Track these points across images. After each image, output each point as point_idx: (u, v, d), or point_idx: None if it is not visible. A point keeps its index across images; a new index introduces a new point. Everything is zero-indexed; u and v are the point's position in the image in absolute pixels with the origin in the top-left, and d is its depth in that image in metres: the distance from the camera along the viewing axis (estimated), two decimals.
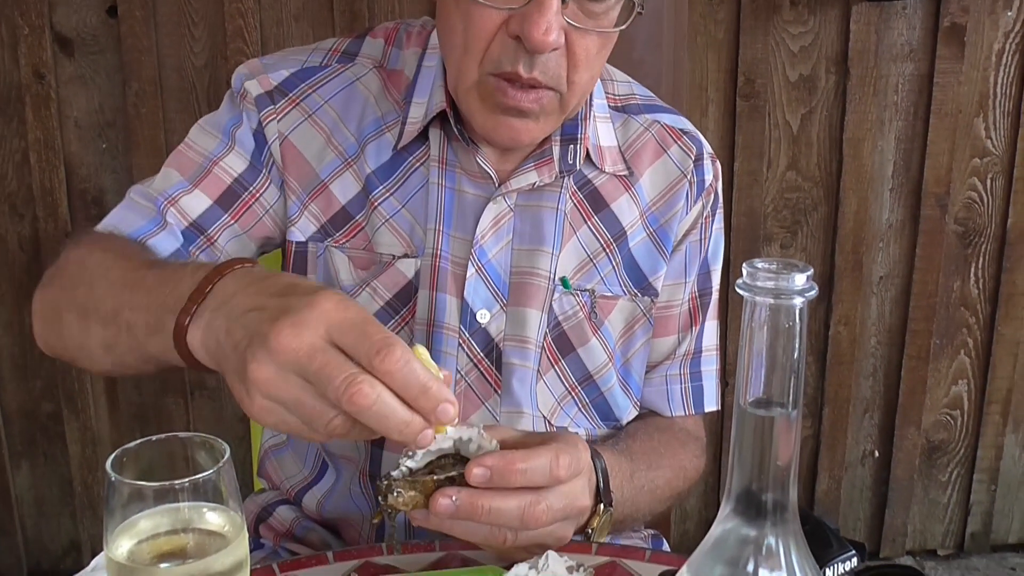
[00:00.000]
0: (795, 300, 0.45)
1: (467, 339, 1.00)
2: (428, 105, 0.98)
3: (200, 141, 1.01)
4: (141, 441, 0.62)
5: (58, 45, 1.92)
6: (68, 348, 0.89)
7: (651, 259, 1.05)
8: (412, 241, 1.00)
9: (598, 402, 1.06)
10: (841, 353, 2.15)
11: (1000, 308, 2.16)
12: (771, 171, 2.05)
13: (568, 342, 1.03)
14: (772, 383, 0.48)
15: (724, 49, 1.99)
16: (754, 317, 0.46)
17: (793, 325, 0.46)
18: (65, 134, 1.97)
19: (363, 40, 1.04)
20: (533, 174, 0.99)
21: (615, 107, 1.06)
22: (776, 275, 0.45)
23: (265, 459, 1.18)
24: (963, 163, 2.07)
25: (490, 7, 0.85)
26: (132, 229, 0.95)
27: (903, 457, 2.23)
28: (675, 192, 1.05)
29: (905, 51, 2.00)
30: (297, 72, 1.01)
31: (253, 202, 1.00)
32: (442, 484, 0.76)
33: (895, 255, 2.12)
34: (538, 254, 1.01)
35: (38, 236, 2.00)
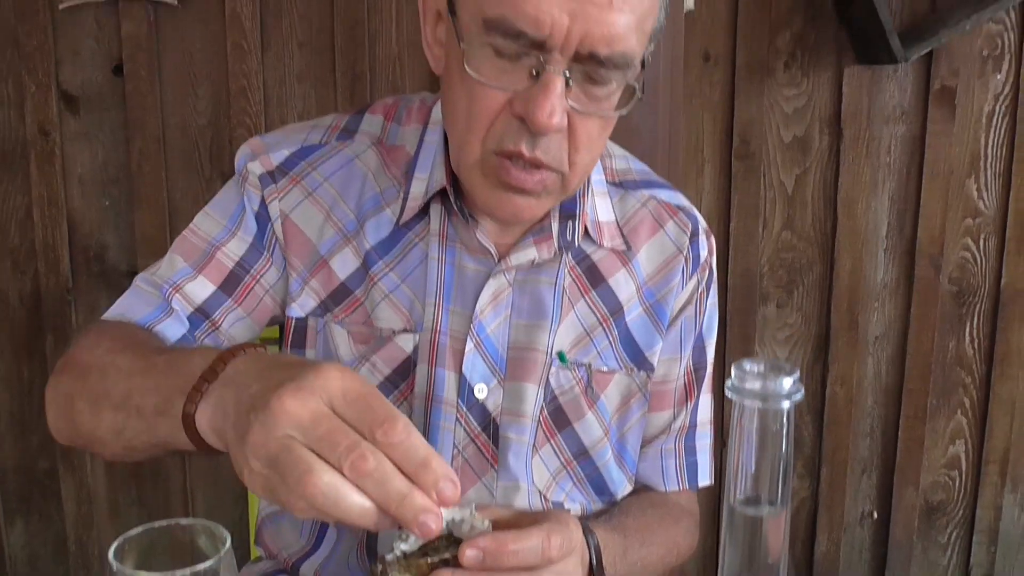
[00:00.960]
0: (782, 403, 0.46)
1: (464, 414, 1.01)
2: (429, 182, 0.99)
3: (204, 227, 1.02)
4: (143, 528, 0.63)
5: (64, 102, 1.95)
6: (81, 435, 0.89)
7: (647, 334, 1.06)
8: (411, 316, 1.00)
9: (594, 477, 1.06)
10: (838, 412, 2.15)
11: (995, 367, 2.16)
12: (766, 231, 2.07)
13: (564, 416, 1.04)
14: (761, 483, 0.49)
15: (719, 111, 2.02)
16: (743, 419, 0.47)
17: (781, 427, 0.47)
18: (68, 190, 1.99)
19: (362, 116, 1.06)
20: (532, 250, 1.00)
21: (613, 182, 1.08)
22: (763, 378, 0.46)
23: (262, 527, 1.17)
24: (956, 223, 2.09)
25: (494, 88, 0.87)
26: (139, 316, 0.97)
27: (902, 518, 2.23)
28: (671, 268, 1.07)
29: (897, 113, 2.03)
30: (297, 151, 1.02)
31: (254, 284, 1.02)
32: (436, 566, 0.76)
33: (890, 314, 2.13)
34: (536, 329, 1.02)
35: (39, 292, 2.01)
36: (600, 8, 0.82)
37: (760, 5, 1.97)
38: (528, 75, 0.85)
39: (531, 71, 0.85)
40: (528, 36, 0.83)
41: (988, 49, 2.02)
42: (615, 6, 0.83)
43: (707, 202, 2.05)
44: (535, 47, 0.83)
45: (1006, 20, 2.00)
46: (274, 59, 1.94)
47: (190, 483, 2.09)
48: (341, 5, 1.91)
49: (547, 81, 0.84)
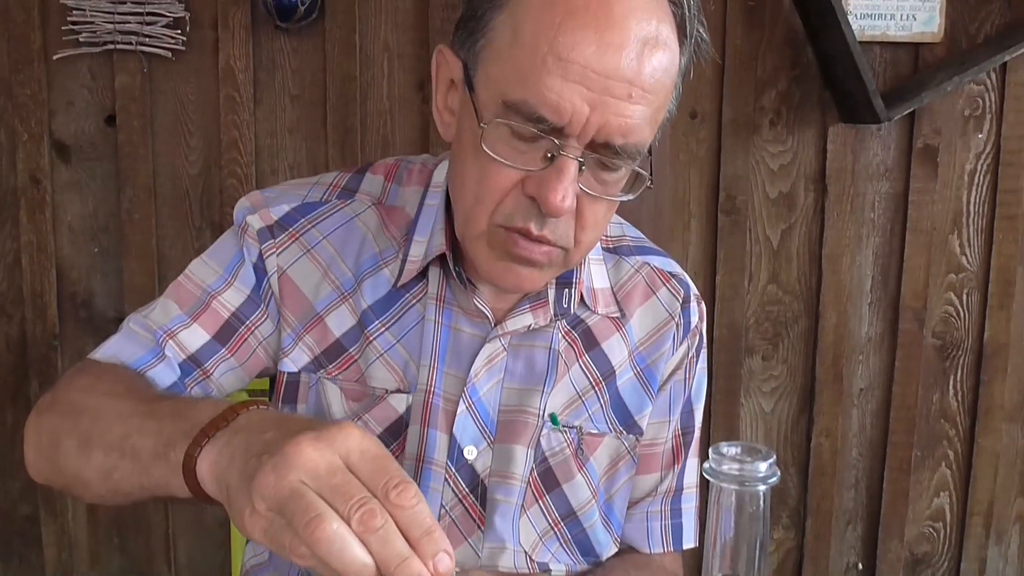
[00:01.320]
0: (759, 487, 0.47)
1: (453, 474, 1.01)
2: (429, 245, 1.00)
3: (199, 274, 1.03)
4: None
5: (55, 151, 1.97)
6: (62, 475, 0.88)
7: (637, 398, 1.07)
8: (405, 376, 1.01)
9: (580, 538, 1.06)
10: (823, 465, 2.16)
11: (979, 420, 2.18)
12: (752, 284, 2.09)
13: (554, 478, 1.04)
14: (738, 561, 0.50)
15: (706, 166, 2.05)
16: (720, 500, 0.48)
17: (757, 508, 0.48)
18: (58, 238, 1.99)
19: (363, 176, 1.07)
20: (528, 316, 1.01)
21: (607, 248, 1.10)
22: (740, 462, 0.47)
23: None
24: (939, 278, 2.12)
25: (509, 167, 0.88)
26: (132, 359, 0.96)
27: (887, 570, 2.22)
28: (663, 334, 1.08)
29: (881, 170, 2.07)
30: (298, 207, 1.03)
31: (249, 335, 1.02)
32: None
33: (875, 367, 2.14)
34: (529, 392, 1.03)
35: (25, 338, 2.01)
36: (620, 100, 0.84)
37: (746, 64, 2.01)
38: (543, 157, 0.86)
39: (546, 154, 0.86)
40: (548, 122, 0.84)
41: (969, 109, 2.06)
42: (634, 99, 0.84)
43: (693, 256, 2.07)
44: (553, 132, 0.85)
45: (987, 81, 2.04)
46: (266, 112, 1.96)
47: (172, 531, 2.08)
48: (333, 60, 1.94)
49: (562, 166, 0.85)
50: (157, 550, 2.08)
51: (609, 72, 0.83)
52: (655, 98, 0.86)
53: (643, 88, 0.85)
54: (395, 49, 1.96)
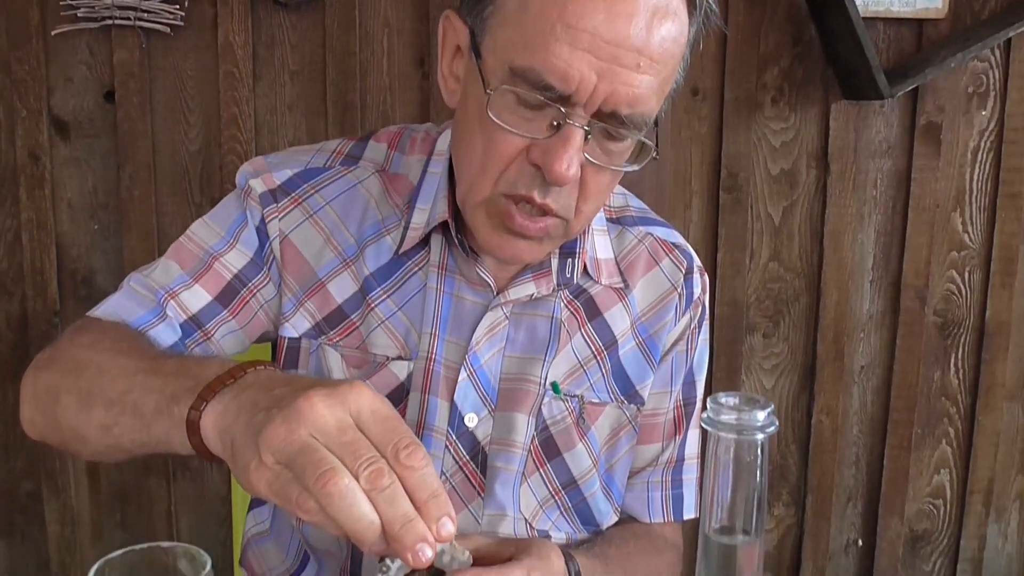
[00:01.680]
0: (757, 436, 0.47)
1: (454, 441, 1.01)
2: (431, 213, 1.00)
3: (201, 235, 1.02)
4: (124, 551, 0.63)
5: (54, 128, 1.96)
6: (60, 431, 0.88)
7: (639, 368, 1.07)
8: (407, 344, 1.01)
9: (580, 507, 1.07)
10: (824, 442, 2.16)
11: (980, 399, 2.18)
12: (753, 262, 2.08)
13: (555, 446, 1.04)
14: (736, 512, 0.50)
15: (707, 144, 2.04)
16: (718, 450, 0.48)
17: (755, 458, 0.48)
18: (58, 215, 1.99)
19: (366, 144, 1.07)
20: (531, 285, 1.01)
21: (611, 219, 1.10)
22: (738, 411, 0.47)
23: (248, 548, 1.18)
24: (941, 256, 2.11)
25: (514, 133, 0.87)
26: (133, 318, 0.96)
27: (887, 547, 2.23)
28: (665, 304, 1.08)
29: (883, 148, 2.06)
30: (300, 172, 1.03)
31: (251, 298, 1.02)
32: None
33: (876, 346, 2.14)
34: (531, 361, 1.03)
35: (26, 315, 2.01)
36: (628, 69, 0.83)
37: (749, 41, 2.00)
38: (549, 125, 0.86)
39: (552, 122, 0.86)
40: (555, 90, 0.84)
41: (973, 86, 2.05)
42: (642, 68, 0.84)
43: (695, 233, 2.07)
44: (560, 100, 0.84)
45: (991, 58, 2.03)
46: (266, 88, 1.95)
47: (175, 507, 2.09)
48: (333, 36, 1.93)
49: (568, 134, 0.85)
50: (159, 526, 2.09)
51: (618, 41, 0.82)
52: (663, 68, 0.86)
53: (651, 58, 0.84)
54: (395, 25, 1.95)
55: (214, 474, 2.06)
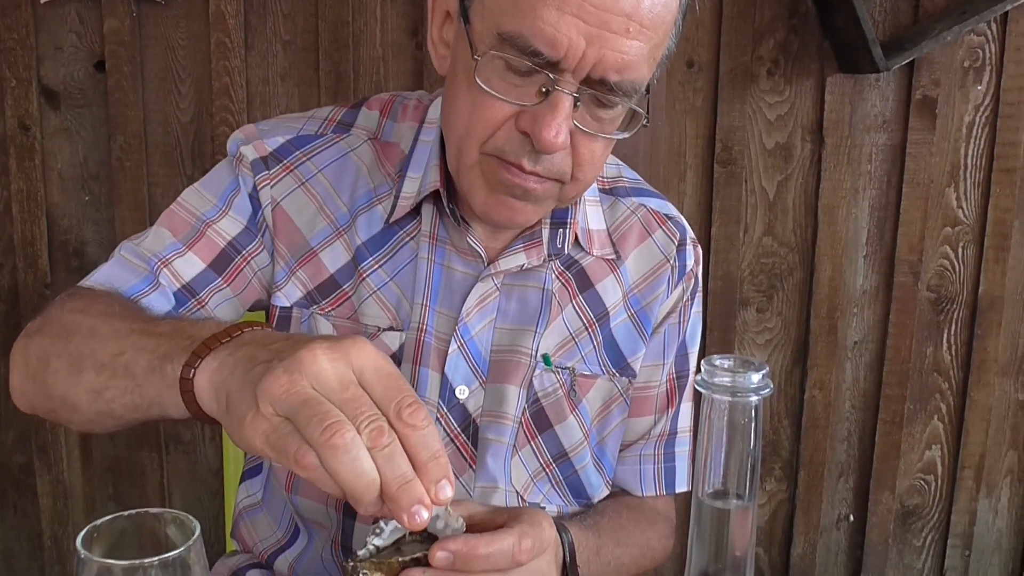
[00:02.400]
0: (751, 398, 0.47)
1: (445, 413, 1.01)
2: (422, 182, 0.99)
3: (193, 202, 1.01)
4: (112, 517, 0.62)
5: (44, 98, 1.94)
6: (50, 398, 0.86)
7: (631, 340, 1.07)
8: (398, 314, 1.00)
9: (571, 479, 1.06)
10: (816, 417, 2.16)
11: (972, 374, 2.18)
12: (747, 236, 2.08)
13: (546, 418, 1.04)
14: (729, 475, 0.49)
15: (702, 116, 2.03)
16: (712, 412, 0.48)
17: (749, 421, 0.47)
18: (48, 185, 1.97)
19: (359, 111, 1.06)
20: (522, 255, 1.00)
21: (604, 189, 1.09)
22: (733, 373, 0.47)
23: (239, 520, 1.17)
24: (935, 231, 2.11)
25: (502, 100, 0.86)
26: (126, 287, 0.95)
27: (878, 522, 2.24)
28: (658, 276, 1.08)
29: (878, 122, 2.05)
30: (292, 139, 1.02)
31: (244, 265, 1.01)
32: (407, 565, 0.77)
33: (869, 321, 2.14)
34: (522, 333, 1.02)
35: (17, 287, 2.00)
36: (617, 35, 0.82)
37: (744, 13, 1.98)
38: (538, 92, 0.85)
39: (541, 88, 0.85)
40: (543, 55, 0.83)
41: (969, 60, 2.03)
42: (632, 34, 0.83)
43: (689, 207, 2.06)
44: (548, 66, 0.83)
45: (987, 32, 2.02)
46: (258, 58, 1.94)
47: (167, 480, 2.08)
48: (326, 6, 1.91)
49: (556, 101, 0.84)
50: (152, 498, 2.09)
51: (607, 5, 0.81)
52: (654, 34, 0.85)
53: (641, 23, 0.83)
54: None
55: (206, 447, 2.06)
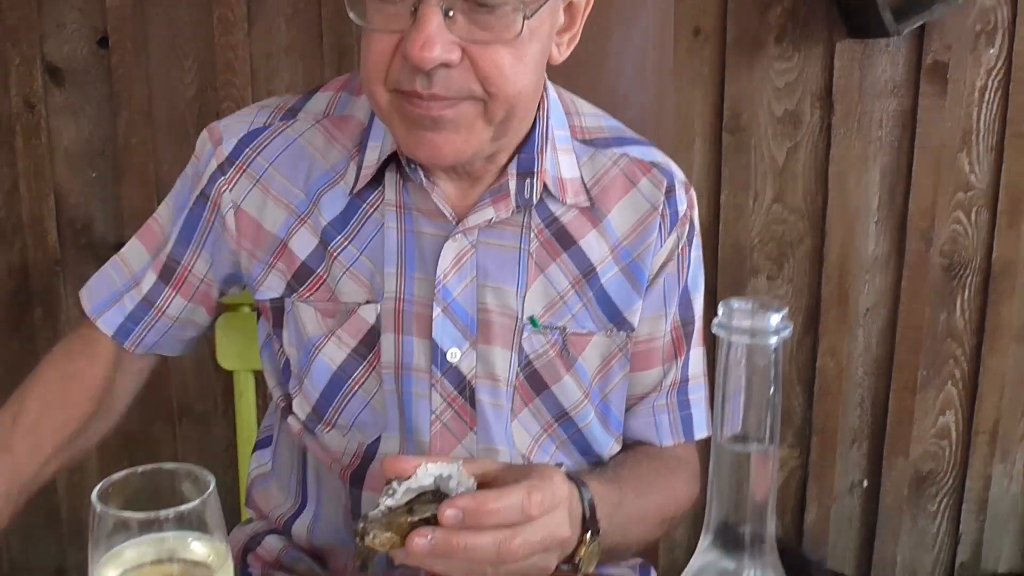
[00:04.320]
0: (770, 340, 0.46)
1: (439, 379, 1.01)
2: (382, 148, 0.99)
3: (162, 214, 1.09)
4: (127, 472, 0.63)
5: (48, 75, 1.93)
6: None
7: (625, 294, 1.05)
8: (373, 287, 1.00)
9: (576, 438, 1.06)
10: (828, 384, 2.16)
11: (986, 339, 2.17)
12: (757, 204, 2.06)
13: (541, 380, 1.03)
14: (749, 419, 0.49)
15: (710, 84, 2.01)
16: (731, 356, 0.47)
17: (769, 364, 0.47)
18: (55, 163, 1.97)
19: (311, 97, 1.06)
20: (490, 210, 0.99)
21: (582, 140, 1.06)
22: (752, 315, 0.46)
23: (252, 489, 1.18)
24: (947, 197, 2.09)
25: (382, 32, 0.87)
26: (95, 303, 1.08)
27: (892, 487, 2.24)
28: (646, 226, 1.05)
29: (889, 87, 2.03)
30: (244, 137, 1.03)
31: (187, 274, 1.06)
32: (417, 525, 0.77)
33: (881, 287, 2.13)
34: (503, 292, 1.01)
35: (26, 265, 2.00)
36: None
37: None
38: (409, 14, 0.84)
39: (411, 8, 0.84)
40: None
41: (981, 24, 2.01)
42: None
43: (697, 176, 2.04)
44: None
45: None
46: (261, 32, 1.92)
47: (180, 452, 2.09)
48: None
49: (422, 15, 0.83)
50: None
51: None
52: None
53: None
54: None
55: (219, 419, 2.06)
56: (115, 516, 0.59)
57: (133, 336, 1.08)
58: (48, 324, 2.02)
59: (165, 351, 1.12)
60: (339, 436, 1.04)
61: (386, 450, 1.03)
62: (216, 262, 1.06)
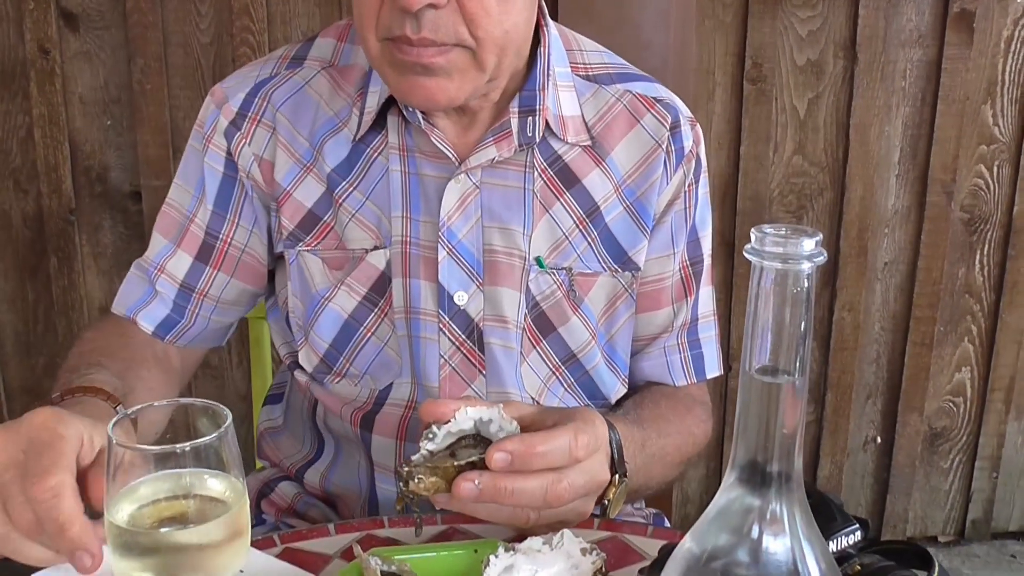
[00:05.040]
0: (803, 265, 0.45)
1: (447, 323, 1.00)
2: (381, 92, 0.98)
3: (176, 198, 1.05)
4: (142, 406, 0.62)
5: (63, 20, 1.92)
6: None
7: (630, 233, 1.03)
8: (380, 232, 1.00)
9: (584, 381, 1.05)
10: (845, 339, 2.14)
11: (1004, 296, 2.15)
12: (777, 155, 2.04)
13: (548, 322, 1.03)
14: (779, 350, 0.48)
15: (732, 33, 1.97)
16: (762, 282, 0.46)
17: (800, 291, 0.46)
18: (70, 110, 1.96)
19: (312, 43, 1.05)
20: (492, 149, 0.98)
21: (585, 76, 1.04)
22: (784, 240, 0.45)
23: (262, 440, 1.19)
24: (970, 150, 2.06)
25: None
26: (129, 304, 1.04)
27: (905, 443, 2.23)
28: (650, 163, 1.03)
29: (914, 37, 1.99)
30: (251, 90, 1.02)
31: (227, 248, 1.04)
32: (463, 469, 0.76)
33: (900, 241, 2.11)
34: (509, 233, 1.00)
35: (42, 213, 2.00)
36: None
37: None
38: None
39: None
40: None
41: None
42: None
43: (717, 126, 2.02)
44: None
45: None
46: None
47: None
48: None
49: None
50: None
51: None
52: None
53: None
54: None
55: (234, 372, 2.07)
56: (131, 450, 0.58)
57: (176, 329, 1.05)
58: (63, 272, 2.02)
59: (207, 343, 1.09)
60: (350, 385, 1.04)
61: (397, 396, 1.03)
62: (258, 226, 1.04)
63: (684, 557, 0.52)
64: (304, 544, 0.84)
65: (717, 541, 0.51)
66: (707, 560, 0.51)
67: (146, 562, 0.60)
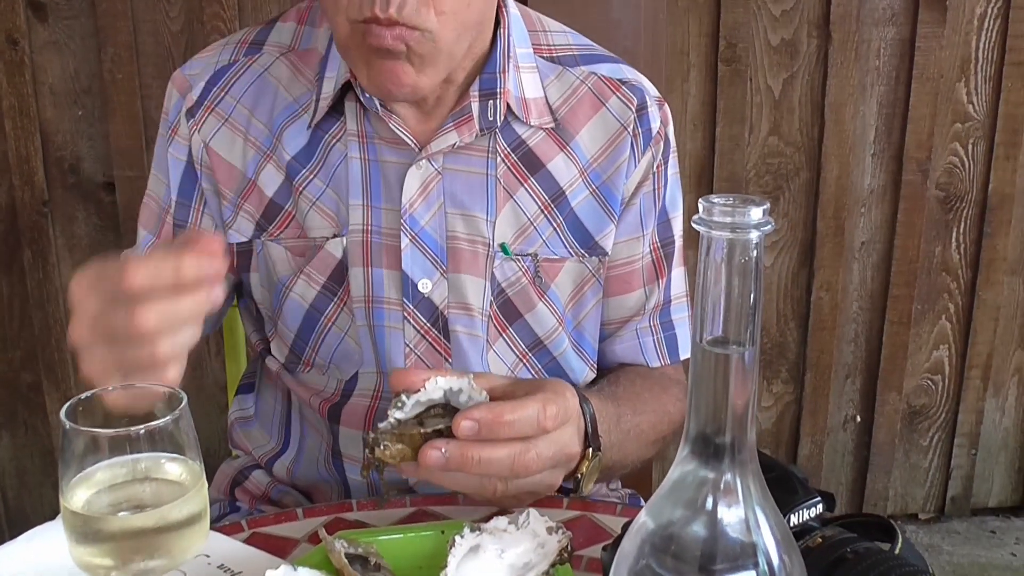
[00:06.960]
0: (751, 234, 0.45)
1: (412, 311, 1.00)
2: (337, 77, 0.97)
3: (155, 190, 1.05)
4: (97, 390, 0.61)
5: (31, 10, 1.90)
6: None
7: (596, 217, 1.03)
8: (338, 220, 0.99)
9: (551, 367, 1.05)
10: (823, 318, 2.15)
11: (981, 273, 2.16)
12: (753, 136, 2.04)
13: (514, 309, 1.02)
14: (730, 321, 0.47)
15: (705, 13, 1.97)
16: (711, 253, 0.46)
17: (749, 260, 0.45)
18: (40, 101, 1.94)
19: (272, 27, 1.03)
20: (453, 134, 0.96)
21: (549, 58, 1.03)
22: (732, 210, 0.45)
23: (233, 430, 1.18)
24: (945, 128, 2.07)
25: None
26: None
27: (884, 422, 2.25)
28: (616, 147, 1.02)
29: (887, 15, 1.99)
30: (210, 78, 1.01)
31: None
32: (430, 437, 0.76)
33: (876, 220, 2.12)
34: (472, 220, 0.99)
35: (15, 205, 1.98)
36: None
37: None
38: None
39: None
40: None
41: None
42: None
43: (692, 107, 2.02)
44: None
45: None
46: None
47: None
48: None
49: None
50: None
51: None
52: None
53: None
54: None
55: (212, 361, 2.06)
56: (85, 434, 0.58)
57: None
58: (37, 266, 2.01)
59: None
60: (319, 375, 1.04)
61: (364, 386, 1.03)
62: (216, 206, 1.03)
63: (639, 531, 0.52)
64: (272, 528, 0.84)
65: (672, 515, 0.51)
66: (662, 533, 0.51)
67: (104, 547, 0.59)
